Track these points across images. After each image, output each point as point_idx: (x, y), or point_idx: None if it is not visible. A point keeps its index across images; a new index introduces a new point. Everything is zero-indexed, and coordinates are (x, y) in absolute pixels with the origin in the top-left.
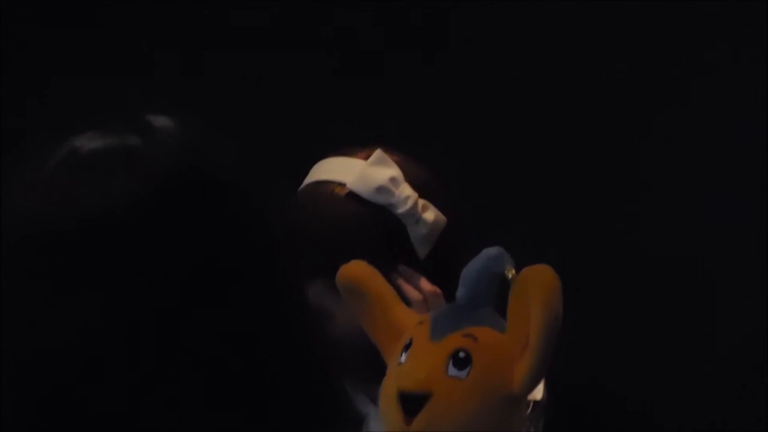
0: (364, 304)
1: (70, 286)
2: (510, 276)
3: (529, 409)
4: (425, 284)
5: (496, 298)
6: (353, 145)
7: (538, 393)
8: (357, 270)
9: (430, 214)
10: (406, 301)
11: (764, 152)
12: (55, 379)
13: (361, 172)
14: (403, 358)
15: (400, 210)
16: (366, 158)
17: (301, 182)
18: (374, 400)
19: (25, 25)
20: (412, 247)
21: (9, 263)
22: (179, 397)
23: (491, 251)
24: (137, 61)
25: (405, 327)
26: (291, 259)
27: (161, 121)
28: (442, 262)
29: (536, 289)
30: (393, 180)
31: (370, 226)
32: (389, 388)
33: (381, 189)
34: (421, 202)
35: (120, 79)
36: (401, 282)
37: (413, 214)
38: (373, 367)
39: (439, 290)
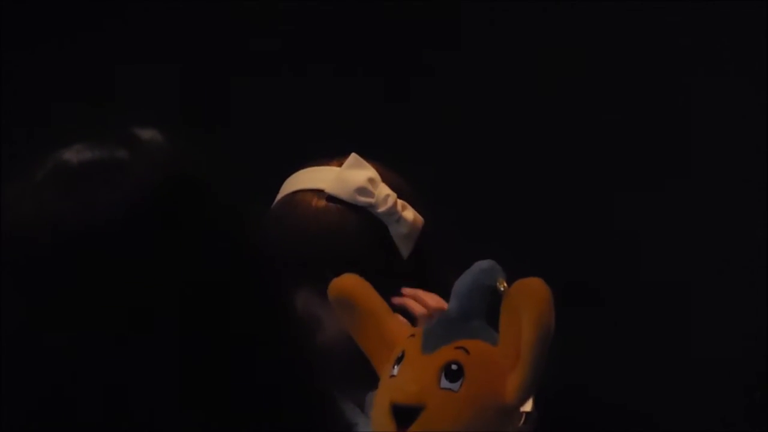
0: (356, 317)
1: (57, 299)
2: (502, 289)
3: (521, 421)
4: (431, 300)
5: (488, 310)
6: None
7: (528, 405)
8: (348, 283)
9: (409, 213)
10: (410, 317)
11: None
12: (37, 395)
13: (337, 176)
14: (396, 370)
15: (381, 209)
16: (338, 166)
17: (273, 196)
18: (362, 408)
19: (19, 44)
20: (395, 247)
21: None
22: (163, 405)
23: (483, 264)
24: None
25: (397, 339)
26: (276, 268)
27: (148, 134)
28: (422, 262)
29: (528, 302)
30: (371, 180)
31: (354, 228)
32: (382, 400)
33: (360, 190)
34: (400, 201)
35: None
36: (406, 299)
37: (393, 213)
38: (362, 375)
39: (445, 304)
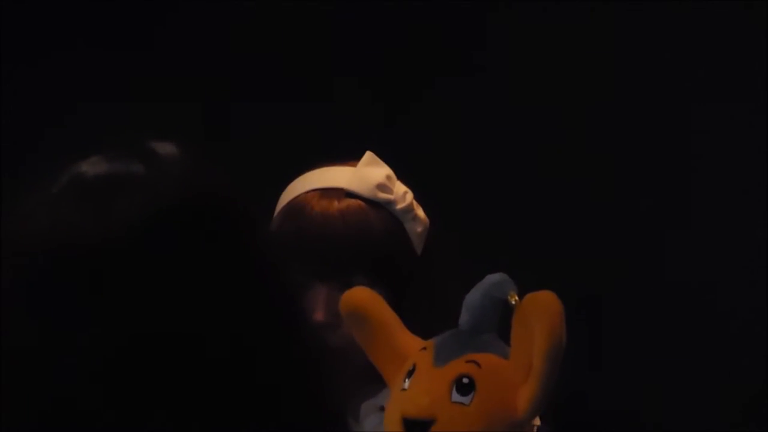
0: (368, 329)
1: (72, 310)
2: (513, 302)
3: None
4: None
5: (499, 324)
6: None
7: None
8: (360, 297)
9: (421, 212)
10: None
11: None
12: (51, 402)
13: (355, 174)
14: (407, 383)
15: (400, 206)
16: (350, 167)
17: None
18: (356, 418)
19: (36, 45)
20: (411, 244)
21: (10, 286)
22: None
23: (494, 277)
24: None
25: (408, 353)
26: (294, 270)
27: (164, 148)
28: (430, 262)
29: (540, 315)
30: (389, 178)
31: (377, 225)
32: (393, 413)
33: (381, 186)
34: (413, 200)
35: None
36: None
37: (410, 210)
38: (361, 387)
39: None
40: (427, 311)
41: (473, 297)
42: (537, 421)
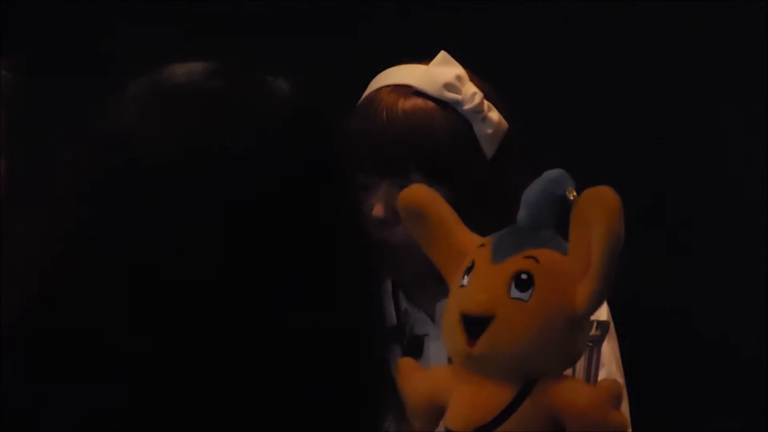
0: (426, 227)
1: (168, 225)
2: (571, 198)
3: (593, 329)
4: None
5: (557, 220)
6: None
7: (602, 314)
8: (418, 193)
9: (494, 114)
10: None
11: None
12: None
13: (425, 72)
14: (465, 280)
15: (468, 106)
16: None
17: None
18: (433, 319)
19: None
20: (479, 146)
21: (95, 193)
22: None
23: (552, 173)
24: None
25: (467, 250)
26: (357, 167)
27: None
28: (503, 166)
29: (598, 210)
30: (459, 78)
31: (441, 123)
32: (451, 310)
33: (448, 86)
34: (486, 102)
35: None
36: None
37: (480, 111)
38: (434, 284)
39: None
40: (500, 212)
41: (531, 193)
42: (602, 316)
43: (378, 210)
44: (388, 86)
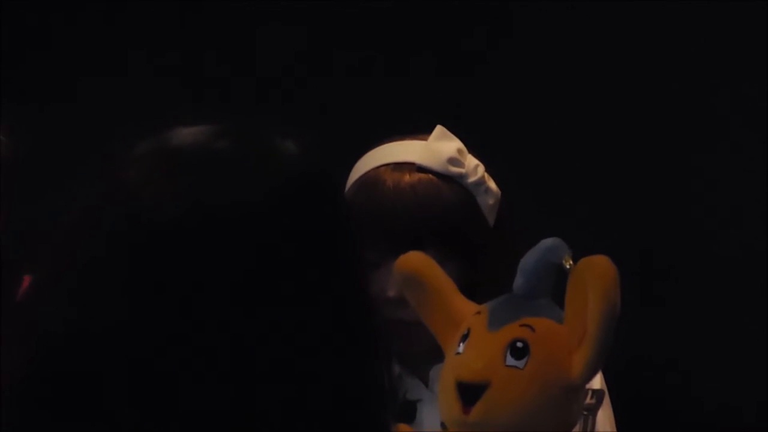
0: (423, 294)
1: (173, 279)
2: (568, 266)
3: (588, 398)
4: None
5: (553, 288)
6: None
7: (596, 382)
8: (415, 260)
9: (492, 184)
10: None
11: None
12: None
13: (426, 148)
14: (461, 348)
15: (471, 179)
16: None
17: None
18: (426, 384)
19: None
20: (483, 217)
21: (109, 252)
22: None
23: (548, 242)
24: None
25: (463, 317)
26: (366, 245)
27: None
28: (503, 233)
29: (594, 279)
30: (460, 151)
31: (449, 198)
32: (447, 377)
33: (452, 160)
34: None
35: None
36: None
37: (482, 183)
38: (429, 353)
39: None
40: (502, 280)
41: (528, 261)
42: (596, 385)
43: (392, 292)
44: (388, 165)
